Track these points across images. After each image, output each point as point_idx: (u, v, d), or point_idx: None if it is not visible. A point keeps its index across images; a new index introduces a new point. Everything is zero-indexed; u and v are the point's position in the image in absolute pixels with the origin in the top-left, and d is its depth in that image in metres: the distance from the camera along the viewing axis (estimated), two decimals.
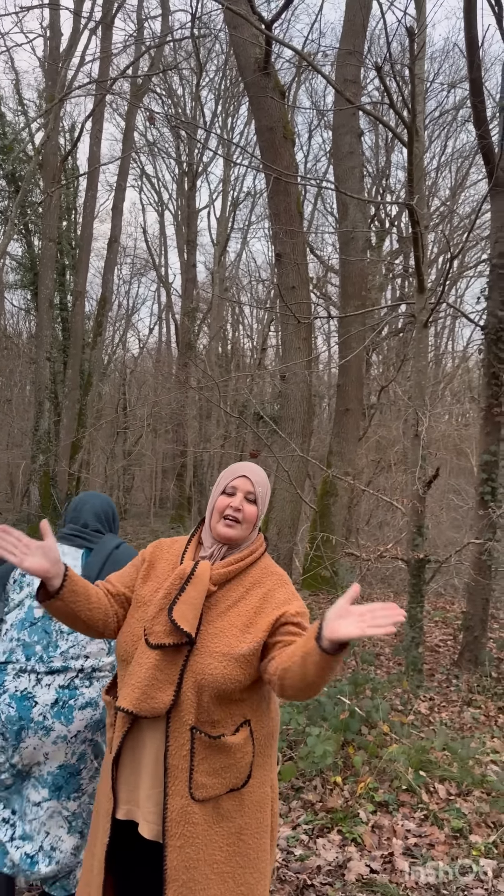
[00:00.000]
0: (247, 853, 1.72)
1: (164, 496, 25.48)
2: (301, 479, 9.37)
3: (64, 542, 2.46)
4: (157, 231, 28.29)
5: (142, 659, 1.70)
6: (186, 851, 1.63)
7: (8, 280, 22.89)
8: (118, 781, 1.75)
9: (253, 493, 1.86)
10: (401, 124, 6.41)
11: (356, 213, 9.82)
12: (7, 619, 2.32)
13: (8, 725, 2.15)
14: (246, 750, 1.73)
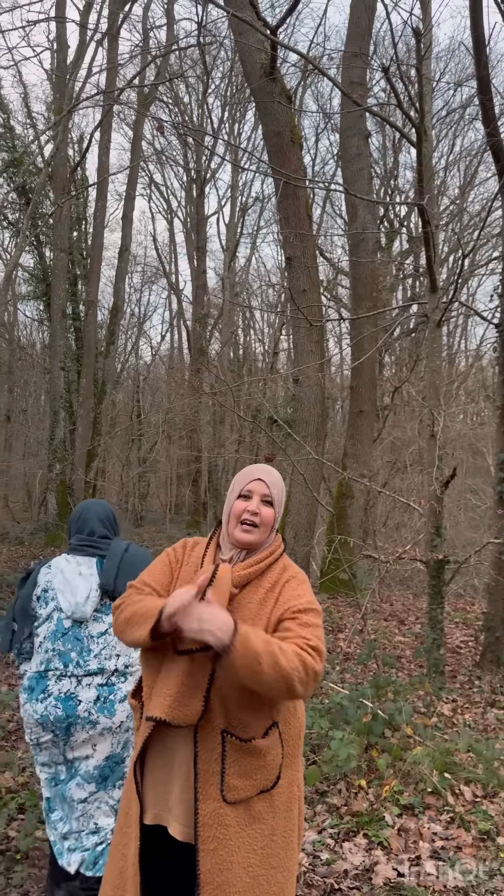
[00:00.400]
0: (277, 854, 1.73)
1: (180, 502, 25.51)
2: (316, 482, 9.35)
3: (76, 553, 2.56)
4: (167, 239, 28.41)
5: (171, 666, 1.69)
6: (220, 854, 1.63)
7: (21, 291, 23.08)
8: (144, 786, 1.75)
9: (269, 496, 1.85)
10: (408, 124, 6.40)
11: (365, 215, 9.82)
12: (39, 633, 2.46)
13: (57, 724, 2.36)
14: (276, 752, 1.73)
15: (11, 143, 17.38)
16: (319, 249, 16.54)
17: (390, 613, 8.90)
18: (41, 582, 2.51)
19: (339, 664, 6.01)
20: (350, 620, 7.78)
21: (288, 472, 9.17)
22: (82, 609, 2.43)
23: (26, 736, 2.47)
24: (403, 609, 9.22)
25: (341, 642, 6.86)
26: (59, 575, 2.50)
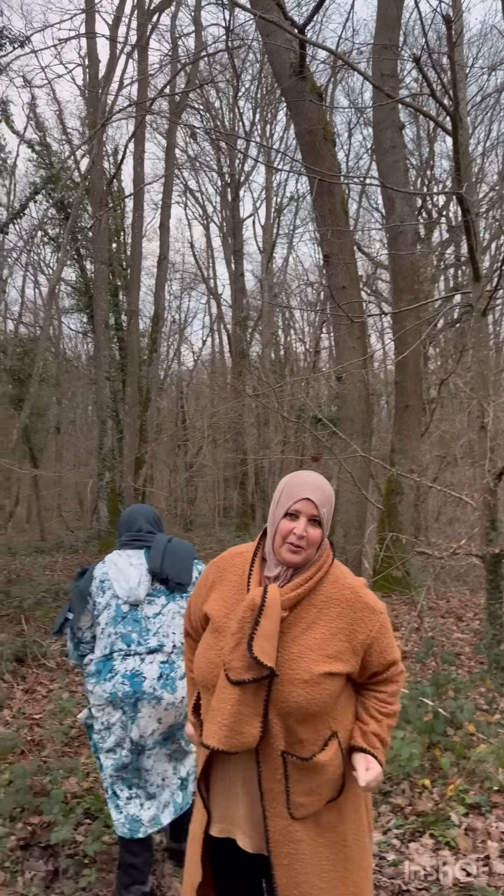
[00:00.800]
0: (352, 857, 1.73)
1: (228, 505, 25.62)
2: (365, 480, 9.27)
3: (127, 548, 2.86)
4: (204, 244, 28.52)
5: (224, 695, 1.66)
6: (294, 868, 1.66)
7: (64, 305, 23.54)
8: (210, 800, 1.77)
9: (317, 516, 1.75)
10: (443, 113, 6.30)
11: (403, 207, 9.69)
12: (101, 620, 2.73)
13: (125, 699, 2.61)
14: (336, 762, 1.71)
15: (49, 160, 17.74)
16: (357, 245, 16.40)
17: (447, 610, 8.75)
18: (97, 575, 2.79)
19: None
20: (406, 619, 7.67)
21: (335, 471, 9.12)
22: (136, 592, 2.71)
23: (96, 724, 2.69)
24: (461, 605, 9.05)
25: (398, 641, 6.77)
26: (113, 567, 2.78)
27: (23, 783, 3.39)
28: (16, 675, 5.91)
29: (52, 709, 4.90)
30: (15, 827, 3.21)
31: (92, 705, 2.71)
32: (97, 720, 2.69)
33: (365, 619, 1.72)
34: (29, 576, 10.50)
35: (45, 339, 17.74)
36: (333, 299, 6.93)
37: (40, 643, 6.46)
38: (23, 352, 19.28)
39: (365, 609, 1.73)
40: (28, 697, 5.41)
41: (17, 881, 2.87)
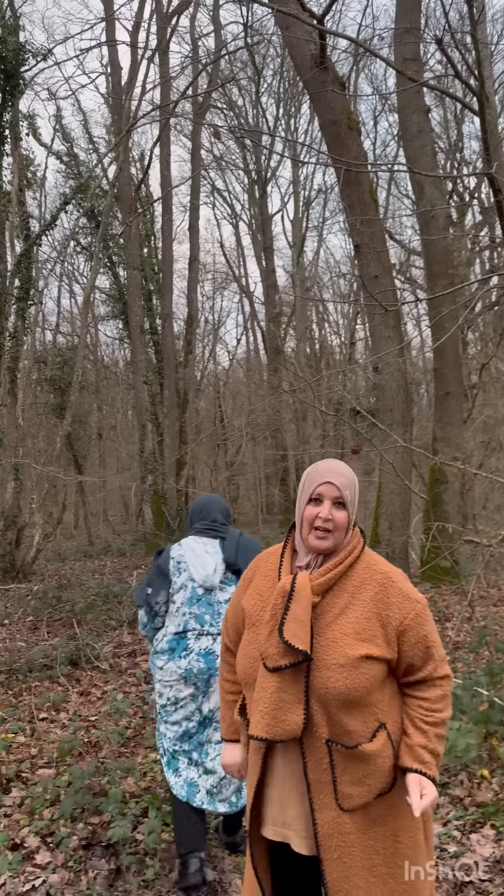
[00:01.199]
0: (405, 854, 1.69)
1: (270, 502, 25.63)
2: (407, 470, 9.16)
3: (202, 535, 3.07)
4: (234, 243, 28.62)
5: (264, 684, 1.68)
6: (344, 861, 1.63)
7: (100, 312, 23.87)
8: (262, 802, 1.76)
9: (341, 498, 1.75)
10: (469, 94, 6.18)
11: (433, 192, 9.55)
12: (176, 600, 2.95)
13: (200, 676, 2.83)
14: (386, 754, 1.68)
15: (77, 170, 17.98)
16: (388, 233, 16.22)
17: (500, 598, 8.60)
18: (174, 555, 3.01)
19: (449, 654, 5.86)
20: (457, 609, 7.57)
21: (376, 463, 9.04)
22: (212, 579, 2.93)
23: (161, 698, 2.92)
24: None
25: (449, 632, 6.68)
26: (190, 552, 3.00)
27: (81, 784, 3.45)
28: (70, 678, 6.02)
29: (108, 710, 4.98)
30: (76, 827, 3.27)
31: (159, 681, 2.92)
32: (163, 696, 2.91)
33: (399, 605, 1.69)
34: (79, 580, 10.68)
35: (82, 347, 18.01)
36: (366, 289, 6.86)
37: (93, 646, 6.56)
38: (62, 361, 19.62)
39: (399, 595, 1.71)
40: (83, 700, 5.50)
41: (81, 880, 2.92)
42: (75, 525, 24.91)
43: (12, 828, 3.28)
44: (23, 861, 3.03)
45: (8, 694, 5.61)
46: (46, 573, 12.56)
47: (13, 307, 13.11)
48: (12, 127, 12.52)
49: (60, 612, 8.35)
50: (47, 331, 24.98)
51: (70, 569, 13.16)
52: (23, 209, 13.76)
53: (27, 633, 7.86)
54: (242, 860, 2.99)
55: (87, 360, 23.95)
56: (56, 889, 2.85)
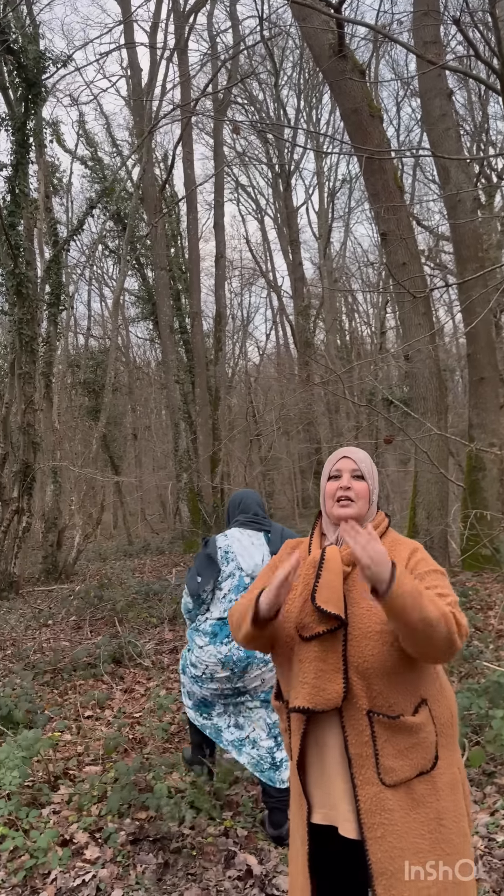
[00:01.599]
0: (451, 839, 1.66)
1: (306, 496, 25.58)
2: (443, 458, 9.05)
3: (246, 528, 3.21)
4: (260, 238, 28.58)
5: (301, 655, 1.70)
6: (388, 841, 1.60)
7: (130, 314, 24.09)
8: (307, 785, 1.75)
9: (358, 470, 1.85)
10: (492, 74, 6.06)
11: (459, 175, 9.39)
12: (223, 587, 3.11)
13: (238, 663, 3.01)
14: (428, 729, 1.68)
15: (101, 174, 18.15)
16: (416, 219, 16.00)
17: None
18: (221, 545, 3.16)
19: (492, 642, 5.78)
20: (499, 597, 7.46)
21: (412, 452, 8.95)
22: (259, 569, 3.06)
23: (195, 671, 3.12)
24: None
25: (492, 619, 6.59)
26: (237, 542, 3.15)
27: (128, 780, 3.50)
28: (114, 675, 6.10)
29: (151, 707, 5.04)
30: (123, 822, 3.31)
31: (196, 657, 3.12)
32: (198, 668, 3.12)
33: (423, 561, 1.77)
34: (119, 579, 10.83)
35: (114, 349, 18.21)
36: (394, 277, 6.79)
37: (135, 643, 6.64)
38: (95, 364, 19.86)
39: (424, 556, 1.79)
40: (127, 697, 5.57)
41: (130, 874, 2.96)
42: (114, 525, 25.23)
43: (61, 824, 3.34)
44: (72, 857, 3.09)
45: (54, 693, 5.72)
46: (88, 573, 12.74)
47: (45, 313, 13.31)
48: (36, 135, 12.68)
49: (102, 612, 8.47)
50: (79, 335, 25.32)
51: (111, 568, 13.35)
52: (50, 215, 13.95)
53: (71, 632, 7.98)
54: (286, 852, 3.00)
55: (119, 361, 24.19)
56: (106, 883, 2.89)
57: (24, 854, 3.09)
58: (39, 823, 3.34)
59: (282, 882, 2.85)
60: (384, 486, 15.78)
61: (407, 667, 1.65)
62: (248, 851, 3.05)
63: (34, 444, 11.75)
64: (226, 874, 2.92)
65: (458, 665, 4.95)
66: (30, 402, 11.63)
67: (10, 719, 4.71)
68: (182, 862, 3.03)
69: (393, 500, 15.44)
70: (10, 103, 11.63)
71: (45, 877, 2.97)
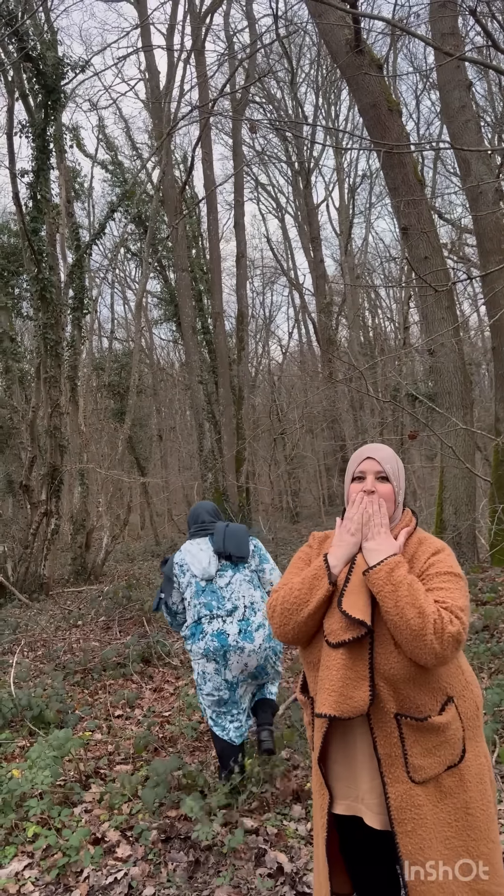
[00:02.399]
0: (477, 826, 1.68)
1: (332, 493, 25.52)
2: (470, 453, 8.96)
3: (195, 537, 3.60)
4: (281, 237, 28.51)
5: (328, 661, 1.70)
6: (419, 834, 1.63)
7: (153, 316, 24.22)
8: (330, 777, 1.77)
9: (382, 472, 1.82)
10: None
11: (479, 167, 9.28)
12: (186, 595, 3.49)
13: (216, 653, 3.38)
14: (455, 726, 1.69)
15: (122, 178, 18.27)
16: (437, 212, 15.86)
17: None
18: (177, 561, 3.54)
19: None
20: None
21: (438, 448, 8.87)
22: (208, 570, 3.47)
23: (195, 673, 3.51)
24: None
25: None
26: (188, 554, 3.52)
27: (161, 779, 3.53)
28: (143, 675, 6.15)
29: (180, 705, 5.07)
30: (154, 821, 3.34)
31: (193, 660, 3.49)
32: (195, 671, 3.49)
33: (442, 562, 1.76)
34: (147, 579, 10.91)
35: (138, 351, 18.31)
36: (416, 271, 6.75)
37: (163, 643, 6.68)
38: (119, 366, 20.01)
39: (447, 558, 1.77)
40: (156, 696, 5.61)
41: (161, 872, 2.99)
42: (142, 526, 25.40)
43: (93, 822, 3.38)
44: (104, 855, 3.12)
45: (84, 693, 5.78)
46: (116, 574, 12.85)
47: (69, 317, 13.44)
48: (56, 140, 12.81)
49: (131, 612, 8.53)
50: (103, 338, 25.52)
51: (138, 568, 13.45)
52: (72, 220, 14.08)
53: (100, 632, 8.06)
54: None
55: (144, 363, 24.33)
56: (137, 881, 2.92)
57: (56, 852, 3.13)
58: (72, 822, 3.39)
59: (312, 879, 2.85)
60: (410, 482, 15.67)
61: (433, 669, 1.65)
62: (278, 849, 3.06)
63: (61, 447, 11.87)
64: (256, 872, 2.93)
65: (489, 661, 4.91)
66: (56, 405, 11.76)
67: (42, 719, 4.77)
68: (213, 860, 3.04)
69: (420, 496, 15.33)
70: (30, 110, 11.76)
71: (78, 875, 3.01)
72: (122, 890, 2.88)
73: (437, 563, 1.74)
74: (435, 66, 9.64)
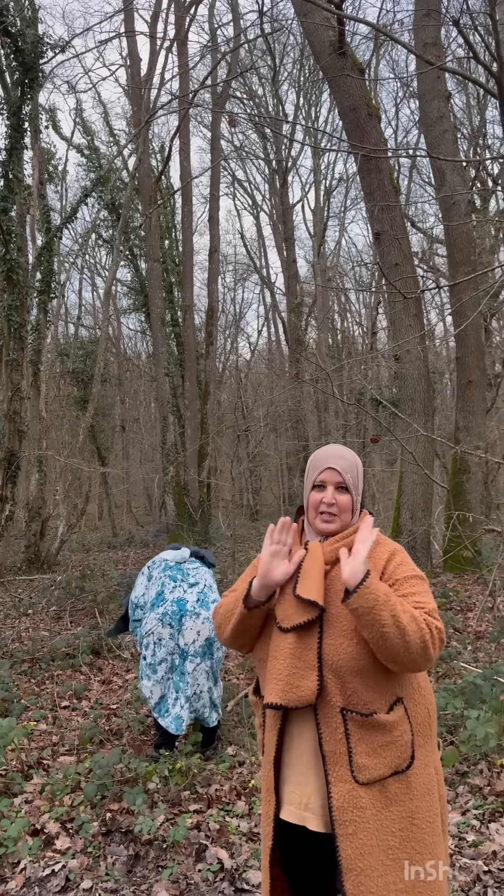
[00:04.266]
0: (422, 839, 1.66)
1: (293, 493, 25.60)
2: (429, 460, 9.09)
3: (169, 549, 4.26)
4: (255, 234, 28.49)
5: (277, 651, 1.70)
6: (360, 838, 1.60)
7: (122, 305, 23.97)
8: (280, 781, 1.75)
9: (343, 483, 1.81)
10: (490, 78, 6.07)
11: (454, 178, 9.41)
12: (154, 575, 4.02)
13: (173, 616, 3.77)
14: (403, 728, 1.67)
15: (98, 163, 18.03)
16: (411, 220, 16.04)
17: None
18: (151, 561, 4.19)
19: (470, 643, 5.82)
20: (479, 598, 7.51)
21: (398, 453, 8.97)
22: (182, 555, 4.08)
23: (150, 639, 3.79)
24: None
25: (471, 621, 6.63)
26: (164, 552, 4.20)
27: (104, 771, 3.48)
28: (93, 667, 6.09)
29: (129, 699, 5.03)
30: (96, 813, 3.30)
31: (146, 643, 3.82)
32: (150, 641, 3.79)
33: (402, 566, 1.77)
34: (102, 570, 10.79)
35: (104, 339, 18.11)
36: (386, 277, 6.78)
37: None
38: (84, 354, 19.75)
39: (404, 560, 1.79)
40: (105, 688, 5.56)
41: (100, 865, 2.95)
42: (99, 516, 25.15)
43: (33, 814, 3.32)
44: (43, 846, 3.07)
45: (31, 682, 5.69)
46: (70, 564, 12.70)
47: (35, 300, 13.20)
48: (32, 120, 12.56)
49: (83, 602, 8.44)
50: (70, 324, 25.16)
51: (93, 559, 13.31)
52: (44, 202, 13.84)
53: (50, 622, 7.95)
54: (259, 846, 3.01)
55: (110, 352, 24.07)
56: (75, 874, 2.88)
57: None
58: (11, 812, 3.33)
59: (252, 876, 2.85)
60: (370, 486, 15.83)
61: (382, 665, 1.65)
62: (219, 845, 3.05)
63: (20, 433, 11.67)
64: (196, 867, 2.91)
65: (437, 665, 4.98)
66: (17, 389, 11.55)
67: None
68: (153, 854, 3.02)
69: (378, 499, 15.48)
70: (6, 87, 11.52)
71: (15, 866, 2.96)
72: (58, 882, 2.84)
73: (402, 566, 1.75)
74: (416, 74, 9.73)
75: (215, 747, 4.02)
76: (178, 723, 3.71)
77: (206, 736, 3.99)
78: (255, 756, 3.93)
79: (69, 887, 2.83)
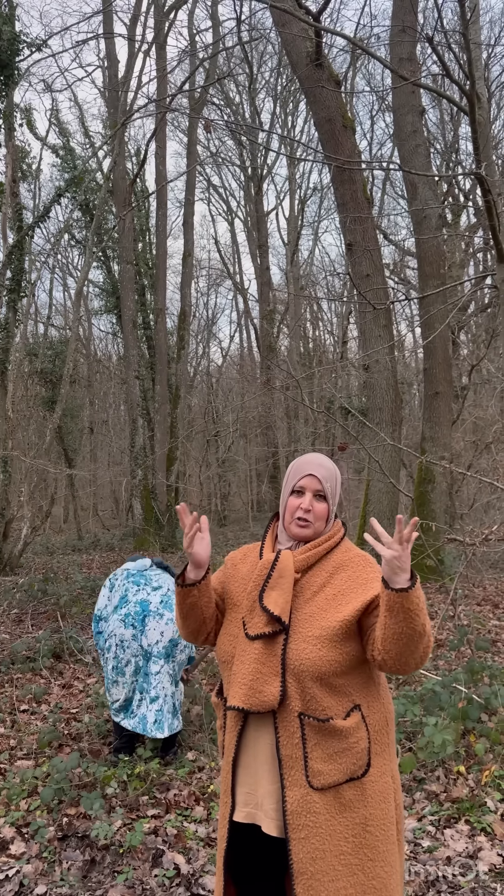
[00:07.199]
0: (375, 846, 1.67)
1: (261, 499, 25.66)
2: (395, 469, 9.18)
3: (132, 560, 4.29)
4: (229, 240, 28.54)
5: (243, 655, 1.72)
6: (312, 842, 1.62)
7: (94, 306, 23.79)
8: (236, 784, 1.76)
9: (321, 491, 1.84)
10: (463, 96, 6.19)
11: (426, 192, 9.56)
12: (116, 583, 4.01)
13: (136, 617, 3.79)
14: (359, 735, 1.69)
15: (72, 163, 17.90)
16: (383, 232, 16.23)
17: (483, 598, 8.64)
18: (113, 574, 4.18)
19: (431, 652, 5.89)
20: (441, 607, 7.60)
21: (365, 462, 9.05)
22: (144, 563, 4.11)
23: (112, 642, 3.80)
24: (497, 593, 8.93)
25: (432, 629, 6.71)
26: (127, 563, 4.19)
27: (61, 776, 3.45)
28: (53, 670, 6.01)
29: (89, 703, 4.98)
30: (53, 818, 3.26)
31: (108, 648, 3.82)
32: (112, 644, 3.78)
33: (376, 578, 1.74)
34: (66, 574, 10.68)
35: (74, 340, 17.92)
36: (357, 288, 6.88)
37: (76, 639, 6.55)
38: (54, 354, 19.52)
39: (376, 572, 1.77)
40: (65, 692, 5.50)
41: (55, 871, 2.92)
42: (65, 519, 24.87)
43: None
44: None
45: None
46: (33, 566, 12.52)
47: (4, 298, 13.04)
48: (6, 117, 12.44)
49: (46, 605, 8.34)
50: (39, 323, 24.88)
51: (58, 562, 13.14)
52: (16, 200, 13.68)
53: (11, 625, 7.84)
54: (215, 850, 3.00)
55: (80, 353, 23.86)
56: (29, 879, 2.85)
57: None
58: None
59: (208, 881, 2.84)
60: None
61: (341, 672, 1.67)
62: (176, 850, 3.04)
63: None
64: (152, 873, 2.90)
65: None
66: None
67: None
68: (109, 859, 3.00)
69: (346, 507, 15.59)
70: None
71: None
72: (12, 888, 2.80)
73: (375, 575, 1.76)
74: (391, 88, 9.88)
75: (175, 752, 3.98)
76: (143, 723, 3.72)
77: (165, 741, 3.96)
78: (214, 761, 3.93)
79: (23, 892, 2.80)
